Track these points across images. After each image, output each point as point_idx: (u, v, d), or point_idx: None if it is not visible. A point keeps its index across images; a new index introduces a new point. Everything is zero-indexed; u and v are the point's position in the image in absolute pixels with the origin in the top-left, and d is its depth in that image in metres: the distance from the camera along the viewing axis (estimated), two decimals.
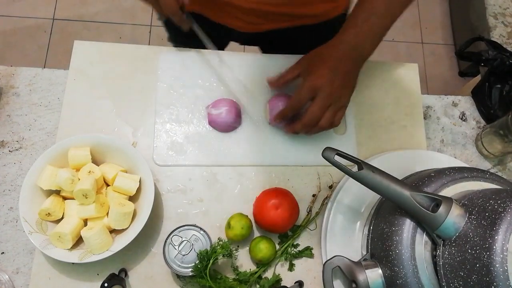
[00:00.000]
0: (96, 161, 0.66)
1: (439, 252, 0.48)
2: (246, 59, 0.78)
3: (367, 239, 0.60)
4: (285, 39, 0.84)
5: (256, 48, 1.00)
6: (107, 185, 0.66)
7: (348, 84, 0.66)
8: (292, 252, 0.67)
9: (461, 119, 0.82)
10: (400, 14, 0.66)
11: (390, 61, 0.84)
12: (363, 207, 0.66)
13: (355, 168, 0.54)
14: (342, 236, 0.65)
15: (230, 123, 0.72)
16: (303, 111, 0.65)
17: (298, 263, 0.68)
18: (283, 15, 0.80)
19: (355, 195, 0.67)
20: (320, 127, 0.65)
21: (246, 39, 0.94)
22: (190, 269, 0.59)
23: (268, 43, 0.94)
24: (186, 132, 0.72)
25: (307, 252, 0.67)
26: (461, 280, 0.44)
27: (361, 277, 0.52)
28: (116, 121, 0.72)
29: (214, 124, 0.72)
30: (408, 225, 0.51)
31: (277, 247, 0.67)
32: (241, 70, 0.77)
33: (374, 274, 0.52)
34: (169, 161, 0.70)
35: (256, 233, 0.69)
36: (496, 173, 0.62)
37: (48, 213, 0.61)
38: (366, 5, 0.64)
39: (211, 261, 0.58)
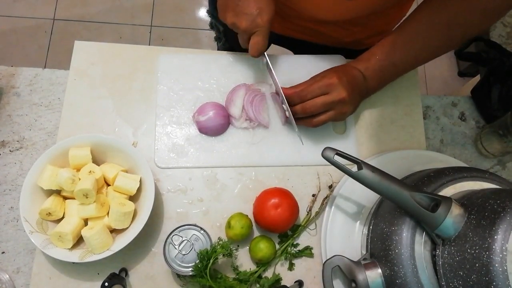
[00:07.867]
0: (96, 161, 0.66)
1: (439, 251, 0.48)
2: (246, 59, 0.78)
3: (367, 239, 0.60)
4: (311, 50, 0.84)
5: None
6: (108, 185, 0.66)
7: (353, 103, 0.67)
8: (292, 251, 0.68)
9: (461, 119, 0.82)
10: (414, 67, 0.71)
11: None
12: (363, 206, 0.66)
13: (354, 168, 0.54)
14: (341, 236, 0.65)
15: (221, 125, 0.71)
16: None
17: (298, 262, 0.68)
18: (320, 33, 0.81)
19: (354, 195, 0.67)
20: (311, 122, 0.67)
21: (275, 39, 0.93)
22: (190, 269, 0.59)
23: (294, 47, 0.97)
24: (187, 134, 0.72)
25: (307, 251, 0.68)
26: (461, 279, 0.44)
27: (360, 276, 0.52)
28: (117, 121, 0.73)
29: (205, 130, 0.72)
30: (407, 224, 0.51)
31: (277, 246, 0.67)
32: (241, 71, 0.77)
33: (374, 274, 0.52)
34: (171, 163, 0.70)
35: (256, 233, 0.69)
36: (496, 173, 0.62)
37: (49, 212, 0.61)
38: (386, 47, 0.67)
39: (211, 261, 0.58)
